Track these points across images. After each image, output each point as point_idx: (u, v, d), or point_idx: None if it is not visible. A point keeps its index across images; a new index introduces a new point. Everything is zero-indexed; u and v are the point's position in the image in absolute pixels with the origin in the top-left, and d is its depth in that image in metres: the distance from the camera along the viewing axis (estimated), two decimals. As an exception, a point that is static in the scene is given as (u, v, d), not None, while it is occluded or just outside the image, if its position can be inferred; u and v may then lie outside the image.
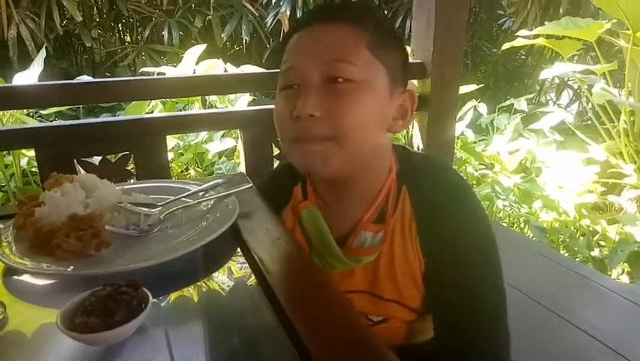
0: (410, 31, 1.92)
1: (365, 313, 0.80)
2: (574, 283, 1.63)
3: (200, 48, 3.41)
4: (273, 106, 0.79)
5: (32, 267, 0.66)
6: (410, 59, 1.51)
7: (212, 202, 0.87)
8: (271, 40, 5.57)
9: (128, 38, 6.13)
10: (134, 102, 3.05)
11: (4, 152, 2.59)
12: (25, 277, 0.68)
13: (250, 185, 0.94)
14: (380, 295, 0.78)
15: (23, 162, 2.72)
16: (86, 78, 3.56)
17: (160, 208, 0.81)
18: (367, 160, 0.74)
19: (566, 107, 5.47)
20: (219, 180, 0.95)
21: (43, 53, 3.04)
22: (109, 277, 0.60)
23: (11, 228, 0.75)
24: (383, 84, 0.70)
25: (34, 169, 2.77)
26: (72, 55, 5.85)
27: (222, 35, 5.40)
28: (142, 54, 5.52)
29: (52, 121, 3.52)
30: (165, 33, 5.38)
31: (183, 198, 0.87)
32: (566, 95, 5.76)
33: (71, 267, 0.66)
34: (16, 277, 0.69)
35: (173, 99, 3.20)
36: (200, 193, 0.90)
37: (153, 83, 1.87)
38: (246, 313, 0.67)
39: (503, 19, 5.88)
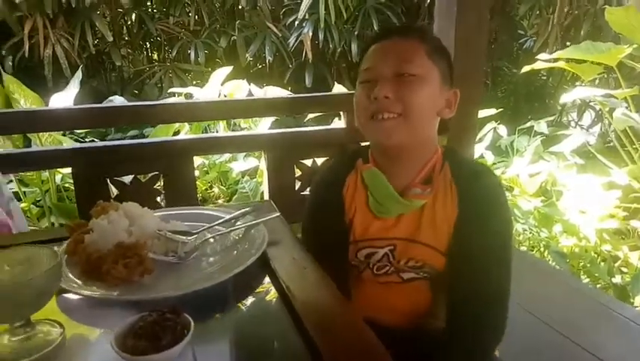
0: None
1: (402, 261, 0.99)
2: (594, 310, 1.62)
3: (226, 70, 3.53)
4: (295, 129, 0.95)
5: (88, 293, 0.73)
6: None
7: (242, 230, 0.93)
8: (293, 60, 5.70)
9: (155, 57, 6.35)
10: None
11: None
12: (76, 299, 0.76)
13: (277, 214, 1.00)
14: (419, 240, 0.97)
15: (57, 178, 2.86)
16: (118, 100, 3.70)
17: (196, 236, 0.88)
18: (421, 138, 0.97)
19: (588, 128, 5.41)
20: (248, 209, 1.01)
21: (79, 74, 3.19)
22: (150, 302, 0.67)
23: (63, 253, 0.83)
24: (436, 81, 0.95)
25: (67, 185, 2.91)
26: (102, 73, 6.08)
27: (246, 55, 5.56)
28: (169, 72, 5.71)
29: (83, 137, 3.68)
30: (191, 52, 5.58)
31: (216, 226, 0.94)
32: (588, 116, 5.70)
33: (117, 292, 0.73)
34: (67, 298, 0.76)
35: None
36: (231, 221, 0.97)
37: (182, 107, 1.95)
38: (271, 337, 0.72)
39: (524, 39, 5.89)
